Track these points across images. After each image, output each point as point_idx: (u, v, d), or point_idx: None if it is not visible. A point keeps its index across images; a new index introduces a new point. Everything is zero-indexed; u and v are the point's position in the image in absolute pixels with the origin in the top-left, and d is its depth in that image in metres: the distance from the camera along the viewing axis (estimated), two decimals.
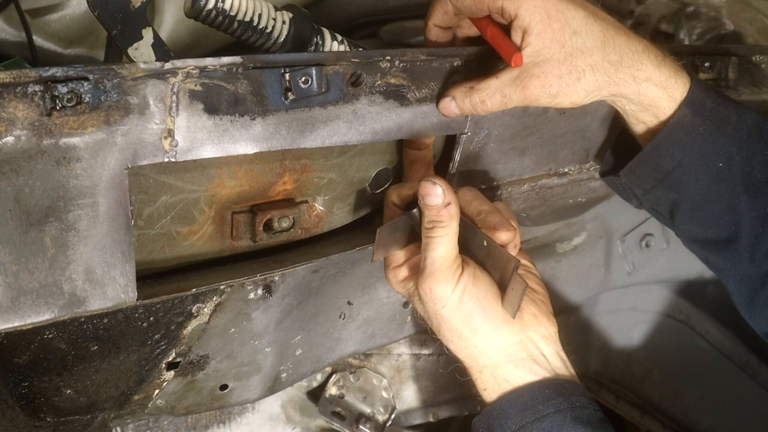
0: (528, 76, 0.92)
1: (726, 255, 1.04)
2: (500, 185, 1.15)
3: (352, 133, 0.95)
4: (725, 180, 0.99)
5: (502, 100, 0.94)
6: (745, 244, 1.01)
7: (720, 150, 0.99)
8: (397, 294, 1.36)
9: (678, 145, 0.98)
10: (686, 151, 0.99)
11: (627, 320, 1.79)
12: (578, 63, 0.92)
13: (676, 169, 1.00)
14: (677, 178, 1.01)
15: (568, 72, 0.92)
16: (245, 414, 1.55)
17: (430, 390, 1.61)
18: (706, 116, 0.98)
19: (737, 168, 0.99)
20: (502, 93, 0.93)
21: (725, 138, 0.99)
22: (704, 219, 1.03)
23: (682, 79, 0.98)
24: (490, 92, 0.94)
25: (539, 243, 1.52)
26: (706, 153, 0.99)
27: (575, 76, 0.93)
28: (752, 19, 1.77)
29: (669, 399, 1.87)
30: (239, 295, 1.06)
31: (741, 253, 1.02)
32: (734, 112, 1.00)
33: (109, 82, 0.78)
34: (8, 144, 0.75)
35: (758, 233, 1.00)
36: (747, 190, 0.99)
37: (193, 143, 0.85)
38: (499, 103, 0.94)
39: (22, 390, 0.99)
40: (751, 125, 1.00)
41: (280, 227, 1.01)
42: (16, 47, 1.17)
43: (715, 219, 1.02)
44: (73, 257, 0.83)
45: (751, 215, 1.00)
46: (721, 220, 1.02)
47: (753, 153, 1.00)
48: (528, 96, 0.93)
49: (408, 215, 1.01)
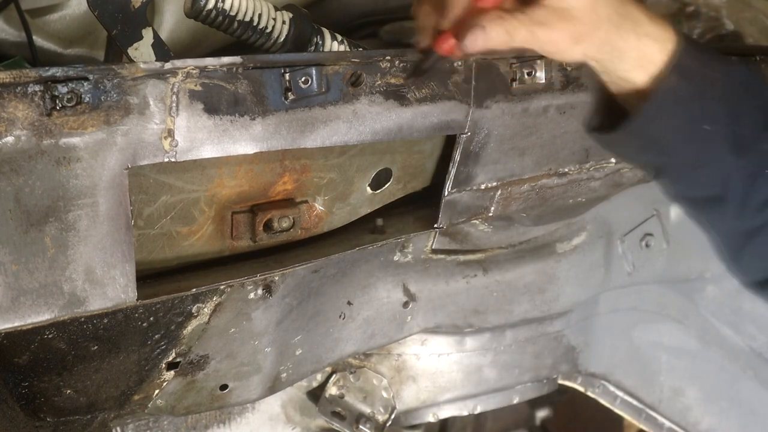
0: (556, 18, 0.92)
1: (714, 212, 1.06)
2: (500, 185, 1.15)
3: (352, 133, 0.95)
4: (713, 142, 1.00)
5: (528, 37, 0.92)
6: (733, 201, 1.02)
7: (707, 113, 0.99)
8: (397, 294, 1.36)
9: (665, 113, 0.99)
10: (674, 119, 0.99)
11: (627, 320, 1.79)
12: (600, 12, 0.94)
13: (664, 137, 1.01)
14: (665, 145, 1.01)
15: (590, 20, 0.93)
16: (245, 414, 1.55)
17: (430, 390, 1.61)
18: (694, 81, 0.98)
19: (724, 128, 0.99)
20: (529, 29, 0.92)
21: (712, 101, 0.99)
22: (692, 180, 1.04)
23: (670, 33, 0.99)
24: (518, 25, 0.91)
25: (539, 243, 1.52)
26: (693, 118, 0.99)
27: (596, 25, 0.94)
28: (752, 19, 1.77)
29: (669, 399, 1.87)
30: (239, 295, 1.06)
31: (729, 210, 1.03)
32: (721, 72, 1.00)
33: (109, 82, 0.78)
34: (8, 144, 0.75)
35: (747, 190, 1.01)
36: (735, 150, 1.00)
37: (193, 143, 0.85)
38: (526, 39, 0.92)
39: (22, 390, 0.99)
40: (738, 82, 1.01)
41: (280, 227, 1.01)
42: (16, 47, 1.17)
43: (703, 179, 1.03)
44: (73, 257, 0.83)
45: (740, 173, 1.00)
46: (709, 180, 1.02)
47: (740, 111, 1.00)
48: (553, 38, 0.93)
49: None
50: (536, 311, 1.57)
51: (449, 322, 1.47)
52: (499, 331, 1.58)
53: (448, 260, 1.41)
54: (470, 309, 1.48)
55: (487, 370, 1.61)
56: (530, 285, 1.53)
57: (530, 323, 1.60)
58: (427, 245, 1.34)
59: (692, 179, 1.04)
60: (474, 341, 1.57)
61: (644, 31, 0.96)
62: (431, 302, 1.42)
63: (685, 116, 0.99)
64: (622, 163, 1.26)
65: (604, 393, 1.84)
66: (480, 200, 1.15)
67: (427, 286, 1.40)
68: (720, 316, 1.81)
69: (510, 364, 1.63)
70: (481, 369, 1.61)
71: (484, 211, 1.17)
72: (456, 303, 1.46)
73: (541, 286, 1.55)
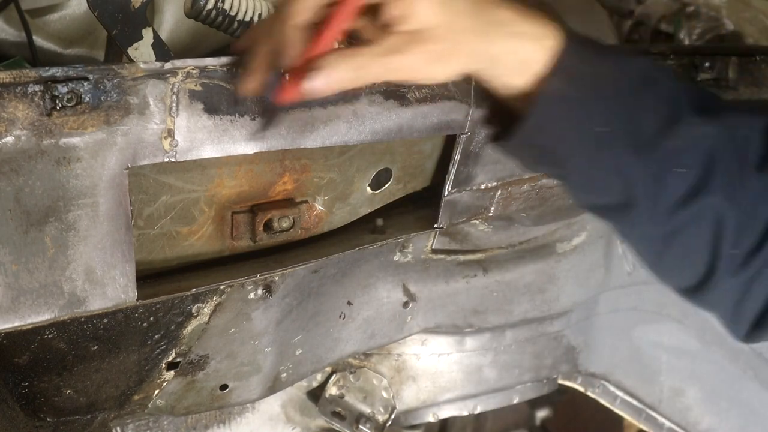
0: (411, 43, 0.84)
1: (624, 220, 0.98)
2: (500, 185, 1.15)
3: (352, 133, 0.95)
4: (609, 145, 0.92)
5: (382, 71, 0.84)
6: (640, 206, 0.94)
7: (598, 115, 0.91)
8: (397, 294, 1.36)
9: (552, 120, 0.91)
10: (562, 124, 0.92)
11: (627, 320, 1.79)
12: (458, 26, 0.86)
13: (555, 143, 0.93)
14: (558, 153, 0.94)
15: (451, 37, 0.86)
16: (245, 414, 1.55)
17: (430, 390, 1.61)
18: (579, 81, 0.91)
19: (621, 129, 0.91)
20: (382, 62, 0.83)
21: (603, 101, 0.91)
22: (594, 187, 0.97)
23: (550, 29, 0.91)
24: (369, 61, 0.83)
25: (539, 243, 1.52)
26: (582, 121, 0.91)
27: (457, 40, 0.86)
28: (752, 19, 1.77)
29: (669, 399, 1.87)
30: (239, 295, 1.06)
31: (638, 216, 0.95)
32: (614, 68, 0.92)
33: (109, 82, 0.78)
34: (8, 144, 0.75)
35: (654, 193, 0.93)
36: (635, 151, 0.91)
37: (193, 143, 0.85)
38: (379, 73, 0.84)
39: (22, 390, 0.99)
40: (636, 77, 0.93)
41: (280, 227, 1.01)
42: (16, 47, 1.17)
43: (605, 186, 0.95)
44: (73, 257, 0.83)
45: (643, 176, 0.92)
46: (613, 186, 0.94)
47: (639, 109, 0.92)
48: (412, 65, 0.85)
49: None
50: (536, 311, 1.57)
51: (449, 322, 1.47)
52: (499, 331, 1.58)
53: (448, 260, 1.41)
54: (470, 309, 1.48)
55: (487, 370, 1.61)
56: (530, 285, 1.53)
57: (530, 323, 1.60)
58: (427, 245, 1.34)
59: (593, 186, 0.96)
60: (474, 341, 1.57)
61: (516, 32, 0.89)
62: (431, 302, 1.42)
63: (574, 119, 0.92)
64: None
65: (604, 393, 1.84)
66: (480, 200, 1.15)
67: (427, 286, 1.40)
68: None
69: (510, 364, 1.63)
70: (481, 369, 1.61)
71: (484, 211, 1.17)
72: (456, 303, 1.46)
73: (541, 286, 1.55)
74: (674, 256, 0.97)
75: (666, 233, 0.95)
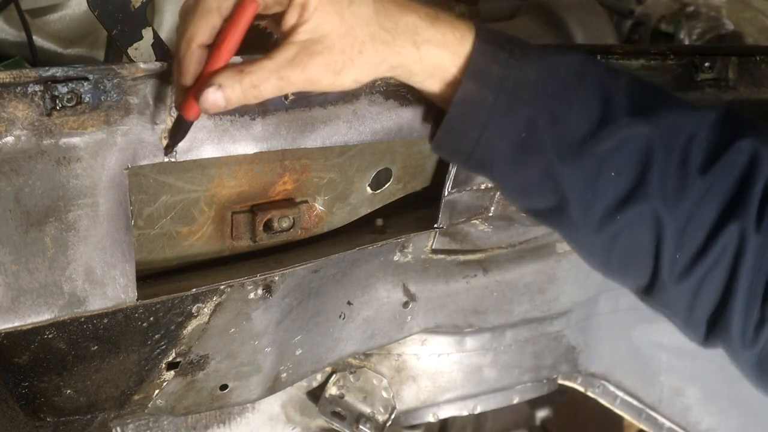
0: (309, 54, 0.81)
1: (561, 224, 0.94)
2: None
3: (352, 133, 0.95)
4: (532, 149, 0.88)
5: (279, 84, 0.81)
6: (576, 212, 0.90)
7: (518, 120, 0.88)
8: (397, 294, 1.36)
9: (469, 123, 0.88)
10: (480, 128, 0.88)
11: (627, 320, 1.78)
12: (358, 34, 0.83)
13: (476, 149, 0.90)
14: (480, 157, 0.91)
15: (350, 45, 0.83)
16: (245, 414, 1.55)
17: (430, 390, 1.61)
18: (494, 84, 0.87)
19: (545, 132, 0.87)
20: (278, 75, 0.80)
21: (522, 103, 0.87)
22: (524, 192, 0.94)
23: (461, 32, 0.88)
24: (265, 75, 0.80)
25: (539, 243, 1.52)
26: (501, 125, 0.88)
27: (357, 48, 0.83)
28: (752, 19, 1.77)
29: (669, 399, 1.87)
30: (239, 295, 1.06)
31: (575, 222, 0.91)
32: (537, 70, 0.88)
33: (109, 82, 0.78)
34: (8, 144, 0.75)
35: (587, 198, 0.89)
36: (562, 155, 0.88)
37: (193, 143, 0.85)
38: (276, 87, 0.81)
39: (22, 390, 0.99)
40: (563, 78, 0.89)
41: (280, 227, 1.01)
42: (16, 47, 1.17)
43: (536, 191, 0.92)
44: (73, 257, 0.83)
45: (574, 181, 0.88)
46: (543, 191, 0.90)
47: (565, 110, 0.88)
48: (310, 76, 0.82)
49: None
50: (536, 311, 1.57)
51: (449, 322, 1.47)
52: (499, 331, 1.58)
53: (448, 260, 1.41)
54: (470, 309, 1.48)
55: (487, 370, 1.61)
56: (530, 285, 1.53)
57: (530, 323, 1.60)
58: (427, 245, 1.34)
59: (523, 191, 0.93)
60: (474, 341, 1.57)
61: (424, 39, 0.86)
62: (431, 302, 1.42)
63: (492, 124, 0.88)
64: None
65: (604, 393, 1.84)
66: (480, 200, 1.15)
67: (427, 286, 1.40)
68: None
69: (510, 364, 1.63)
70: (481, 369, 1.61)
71: (484, 211, 1.17)
72: (456, 303, 1.46)
73: (541, 286, 1.55)
74: (617, 262, 0.94)
75: (605, 239, 0.91)
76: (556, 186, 0.89)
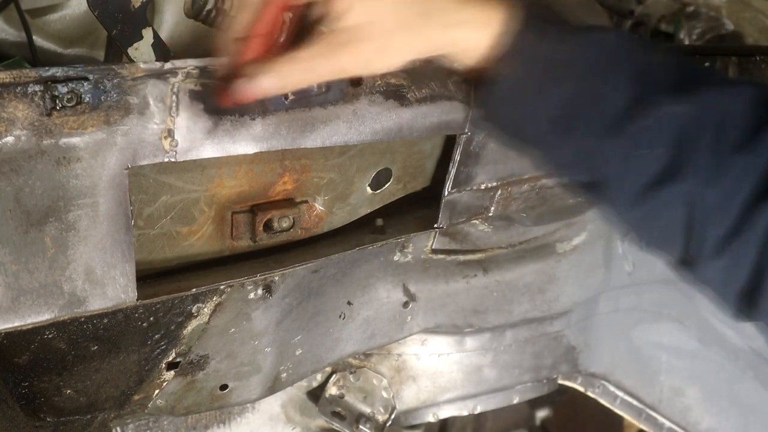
0: (339, 44, 0.83)
1: (598, 198, 0.96)
2: (500, 185, 1.15)
3: (352, 133, 0.95)
4: (570, 126, 0.89)
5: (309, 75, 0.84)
6: (611, 189, 0.92)
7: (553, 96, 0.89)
8: (397, 294, 1.36)
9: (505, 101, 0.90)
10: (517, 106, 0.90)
11: (627, 320, 1.79)
12: (387, 22, 0.85)
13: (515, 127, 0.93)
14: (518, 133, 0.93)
15: (380, 34, 0.84)
16: (245, 414, 1.55)
17: (430, 390, 1.61)
18: (533, 65, 0.89)
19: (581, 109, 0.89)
20: (309, 66, 0.83)
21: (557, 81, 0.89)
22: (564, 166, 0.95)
23: (492, 12, 0.89)
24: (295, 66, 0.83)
25: (539, 243, 1.52)
26: (537, 103, 0.90)
27: (387, 36, 0.85)
28: (752, 19, 1.77)
29: (669, 399, 1.87)
30: (239, 295, 1.06)
31: (611, 198, 0.93)
32: (574, 49, 0.90)
33: (109, 82, 0.78)
34: (8, 144, 0.75)
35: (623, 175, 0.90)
36: (597, 132, 0.89)
37: (193, 143, 0.85)
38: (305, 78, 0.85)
39: (22, 390, 0.99)
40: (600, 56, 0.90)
41: (280, 227, 1.01)
42: (16, 47, 1.17)
43: (573, 166, 0.93)
44: (73, 257, 0.83)
45: (611, 158, 0.89)
46: (579, 166, 0.92)
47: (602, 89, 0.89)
48: (340, 66, 0.84)
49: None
50: (536, 311, 1.57)
51: (449, 322, 1.47)
52: (499, 331, 1.58)
53: (448, 260, 1.41)
54: (470, 309, 1.48)
55: (487, 370, 1.61)
56: (530, 285, 1.53)
57: (530, 323, 1.60)
58: (427, 245, 1.34)
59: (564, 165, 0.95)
60: (474, 341, 1.57)
61: (454, 21, 0.87)
62: (431, 302, 1.42)
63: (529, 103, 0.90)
64: None
65: (604, 393, 1.84)
66: (480, 200, 1.15)
67: (427, 286, 1.40)
68: (720, 316, 1.80)
69: (510, 364, 1.63)
70: (481, 369, 1.61)
71: (484, 211, 1.17)
72: (456, 303, 1.46)
73: (541, 286, 1.55)
74: (652, 237, 0.95)
75: (640, 215, 0.92)
76: (593, 162, 0.90)
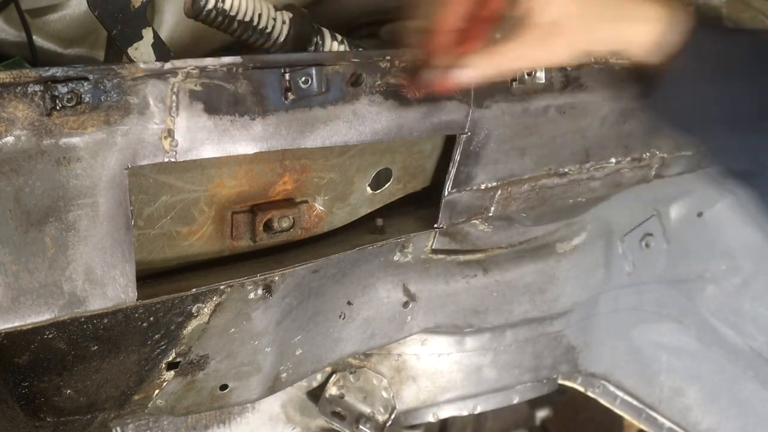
0: (551, 35, 0.92)
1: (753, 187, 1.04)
2: (500, 185, 1.15)
3: (352, 133, 0.95)
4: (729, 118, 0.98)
5: (523, 63, 0.95)
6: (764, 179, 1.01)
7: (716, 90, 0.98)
8: (397, 294, 1.36)
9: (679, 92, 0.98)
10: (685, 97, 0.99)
11: (627, 320, 1.79)
12: (591, 16, 0.93)
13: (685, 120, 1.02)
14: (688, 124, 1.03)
15: (585, 26, 0.93)
16: (245, 414, 1.55)
17: (430, 390, 1.61)
18: (705, 59, 0.97)
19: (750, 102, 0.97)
20: (523, 55, 0.93)
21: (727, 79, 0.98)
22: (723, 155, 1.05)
23: (666, 11, 0.97)
24: (510, 55, 0.92)
25: (539, 243, 1.52)
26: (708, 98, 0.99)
27: (590, 29, 0.94)
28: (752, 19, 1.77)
29: (669, 399, 1.87)
30: (239, 295, 1.06)
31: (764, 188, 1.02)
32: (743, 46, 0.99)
33: (109, 82, 0.78)
34: (8, 144, 0.75)
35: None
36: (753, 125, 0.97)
37: (193, 143, 0.85)
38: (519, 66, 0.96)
39: (22, 390, 0.99)
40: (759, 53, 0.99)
41: (280, 227, 1.01)
42: (16, 47, 1.17)
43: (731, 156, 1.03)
44: (73, 257, 0.83)
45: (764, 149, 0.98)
46: (737, 156, 1.02)
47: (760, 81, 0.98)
48: (550, 56, 0.94)
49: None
50: (536, 311, 1.57)
51: (449, 322, 1.47)
52: (499, 331, 1.58)
53: (448, 260, 1.41)
54: (470, 309, 1.48)
55: (487, 370, 1.61)
56: (530, 285, 1.53)
57: (530, 323, 1.60)
58: (427, 245, 1.34)
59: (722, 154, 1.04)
60: (474, 341, 1.57)
61: (627, 17, 0.96)
62: (431, 302, 1.42)
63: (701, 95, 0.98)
64: (622, 163, 1.26)
65: (604, 393, 1.84)
66: (480, 200, 1.15)
67: (427, 286, 1.40)
68: (720, 316, 1.81)
69: (510, 364, 1.63)
70: (481, 369, 1.61)
71: (484, 211, 1.17)
72: (456, 303, 1.46)
73: (541, 286, 1.55)
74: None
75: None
76: (749, 153, 0.99)
